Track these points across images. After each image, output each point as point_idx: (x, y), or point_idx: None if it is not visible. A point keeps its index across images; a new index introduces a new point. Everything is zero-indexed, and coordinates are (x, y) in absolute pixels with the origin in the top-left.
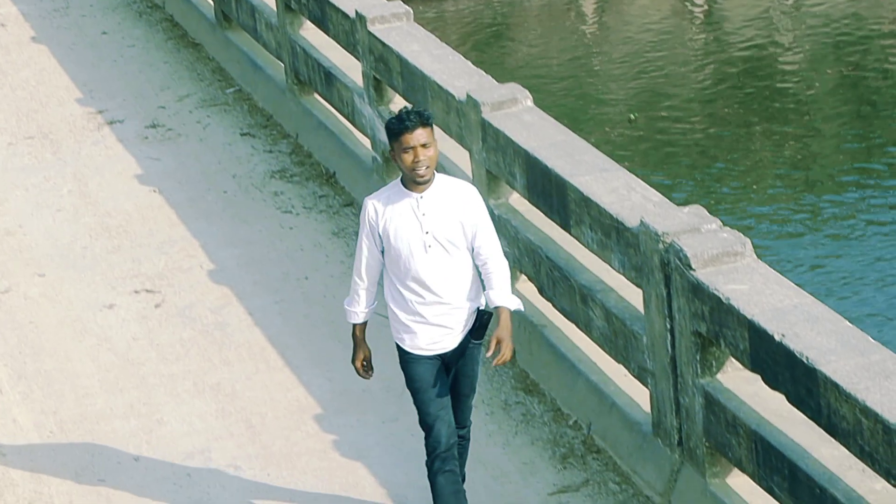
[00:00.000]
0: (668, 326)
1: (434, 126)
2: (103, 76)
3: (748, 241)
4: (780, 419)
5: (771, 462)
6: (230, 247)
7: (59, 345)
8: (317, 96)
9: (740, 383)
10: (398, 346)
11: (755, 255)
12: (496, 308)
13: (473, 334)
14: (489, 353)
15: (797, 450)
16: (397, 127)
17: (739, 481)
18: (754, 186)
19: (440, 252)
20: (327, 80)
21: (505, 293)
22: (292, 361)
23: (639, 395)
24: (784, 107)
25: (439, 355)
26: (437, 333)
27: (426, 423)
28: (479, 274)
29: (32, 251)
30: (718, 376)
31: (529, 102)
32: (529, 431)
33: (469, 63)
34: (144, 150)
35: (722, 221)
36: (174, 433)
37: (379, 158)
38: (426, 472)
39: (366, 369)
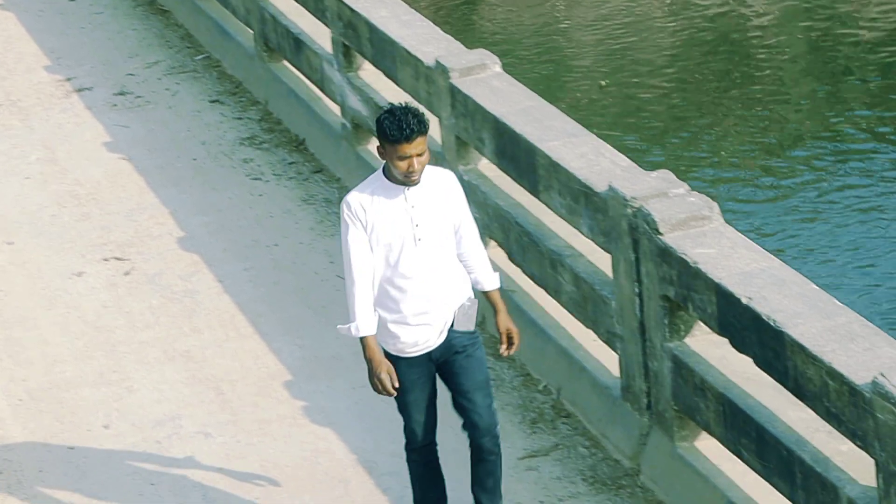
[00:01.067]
0: (637, 291)
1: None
2: (71, 43)
3: (716, 205)
4: (748, 382)
5: (739, 425)
6: (200, 214)
7: (28, 313)
8: (286, 63)
9: (708, 347)
10: (382, 349)
11: (723, 220)
12: (488, 294)
13: (459, 324)
14: (503, 347)
15: (765, 413)
16: (396, 136)
17: (708, 444)
18: (724, 152)
19: (430, 245)
20: (296, 47)
21: (492, 274)
22: (262, 328)
23: (608, 360)
24: (755, 72)
25: (426, 355)
26: (422, 333)
27: (406, 425)
28: (462, 259)
29: (1, 219)
30: (686, 340)
31: (498, 68)
32: (499, 396)
33: (438, 29)
34: (113, 118)
35: (692, 186)
36: (144, 400)
37: (348, 125)
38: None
39: (392, 384)
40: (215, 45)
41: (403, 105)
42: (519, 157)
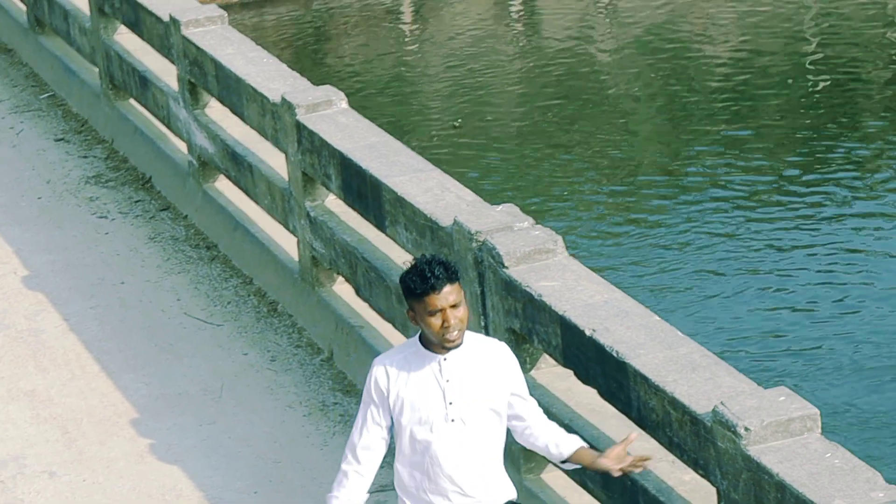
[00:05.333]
0: (483, 324)
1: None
2: None
3: (560, 238)
4: (593, 413)
5: None
6: (45, 253)
7: None
8: (132, 101)
9: (553, 379)
10: None
11: (567, 253)
12: (577, 455)
13: None
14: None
15: (609, 444)
16: (421, 287)
17: (554, 476)
18: (569, 188)
19: (465, 428)
20: (142, 85)
21: (570, 435)
22: (108, 366)
23: None
24: (601, 108)
25: None
26: None
27: None
28: (526, 437)
29: None
30: (532, 373)
31: (344, 104)
32: (347, 432)
33: (284, 66)
34: None
35: (539, 221)
36: None
37: (195, 162)
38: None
39: None
40: (60, 83)
41: (427, 256)
42: (365, 192)
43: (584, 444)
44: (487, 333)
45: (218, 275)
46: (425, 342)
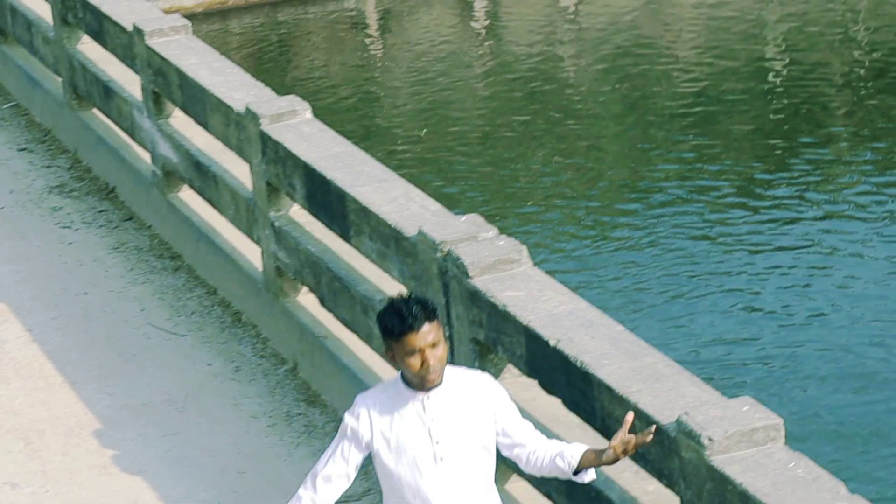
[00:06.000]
0: (447, 334)
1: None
2: None
3: (525, 248)
4: (557, 424)
5: None
6: (7, 263)
7: None
8: (96, 111)
9: (518, 390)
10: None
11: (532, 263)
12: (585, 456)
13: None
14: (633, 438)
15: None
16: (399, 327)
17: (518, 486)
18: (535, 198)
19: (454, 465)
20: (106, 95)
21: (573, 444)
22: (72, 377)
23: None
24: (567, 117)
25: None
26: None
27: None
28: (532, 463)
29: None
30: None
31: (309, 114)
32: (311, 443)
33: (248, 75)
34: None
35: (507, 231)
36: None
37: (159, 172)
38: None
39: None
40: (23, 92)
41: (404, 295)
42: (330, 202)
43: (588, 446)
44: (451, 344)
45: (182, 285)
46: (407, 380)
